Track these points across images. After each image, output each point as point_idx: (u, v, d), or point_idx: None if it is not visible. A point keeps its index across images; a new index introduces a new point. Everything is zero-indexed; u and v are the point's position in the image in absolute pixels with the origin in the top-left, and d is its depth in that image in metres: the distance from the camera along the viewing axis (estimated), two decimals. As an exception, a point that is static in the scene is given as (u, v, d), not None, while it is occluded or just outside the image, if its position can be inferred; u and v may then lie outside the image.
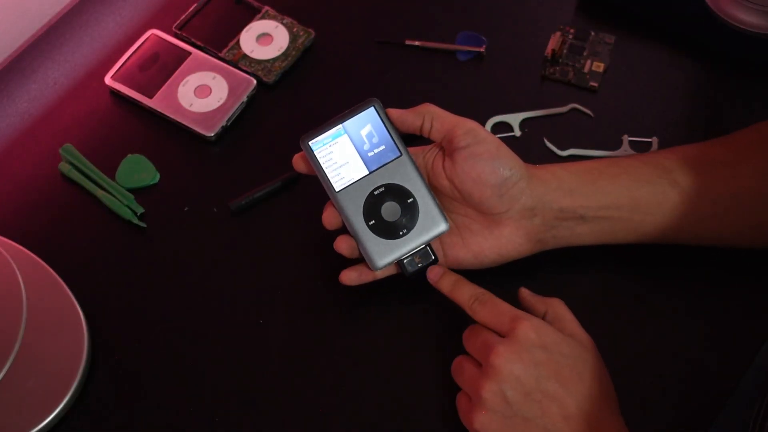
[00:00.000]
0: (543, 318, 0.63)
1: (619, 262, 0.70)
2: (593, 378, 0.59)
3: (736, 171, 0.65)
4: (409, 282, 0.66)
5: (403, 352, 0.68)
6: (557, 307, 0.63)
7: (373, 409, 0.65)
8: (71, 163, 0.75)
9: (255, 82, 0.79)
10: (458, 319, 0.67)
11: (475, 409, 0.59)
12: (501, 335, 0.60)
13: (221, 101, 0.78)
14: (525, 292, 0.65)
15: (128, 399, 0.66)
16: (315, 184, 0.66)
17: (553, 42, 0.80)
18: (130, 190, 0.74)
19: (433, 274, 0.65)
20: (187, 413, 0.65)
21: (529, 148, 0.75)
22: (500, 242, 0.65)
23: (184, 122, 0.77)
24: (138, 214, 0.73)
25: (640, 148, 0.75)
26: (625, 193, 0.65)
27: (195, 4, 0.84)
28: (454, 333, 0.64)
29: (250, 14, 0.84)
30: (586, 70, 0.80)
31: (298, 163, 0.66)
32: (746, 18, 0.77)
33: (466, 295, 0.63)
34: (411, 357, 0.67)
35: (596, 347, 0.62)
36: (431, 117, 0.65)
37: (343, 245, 0.65)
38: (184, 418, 0.65)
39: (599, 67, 0.80)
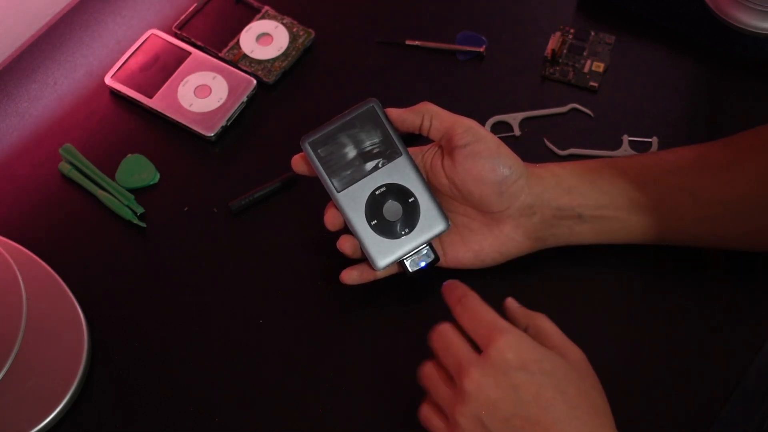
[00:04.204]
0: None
1: (619, 262, 0.69)
2: (580, 395, 0.54)
3: (735, 175, 0.65)
4: (410, 281, 0.66)
5: (404, 352, 0.67)
6: (540, 321, 0.58)
7: (373, 409, 0.65)
8: (71, 163, 0.75)
9: (255, 82, 0.79)
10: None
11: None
12: (478, 346, 0.56)
13: (221, 101, 0.78)
14: (510, 303, 0.60)
15: (128, 399, 0.66)
16: (315, 184, 0.66)
17: (553, 42, 0.80)
18: (130, 190, 0.74)
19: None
20: (188, 413, 0.65)
21: (529, 148, 0.75)
22: (500, 240, 0.65)
23: (184, 122, 0.77)
24: (138, 214, 0.73)
25: (640, 148, 0.75)
26: (623, 194, 0.65)
27: (195, 4, 0.84)
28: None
29: (250, 14, 0.83)
30: (586, 70, 0.80)
31: (297, 164, 0.66)
32: (746, 18, 0.77)
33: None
34: (411, 357, 0.67)
35: (586, 359, 0.57)
36: (430, 115, 0.65)
37: (346, 245, 0.65)
38: (184, 418, 0.65)
39: (599, 67, 0.80)
